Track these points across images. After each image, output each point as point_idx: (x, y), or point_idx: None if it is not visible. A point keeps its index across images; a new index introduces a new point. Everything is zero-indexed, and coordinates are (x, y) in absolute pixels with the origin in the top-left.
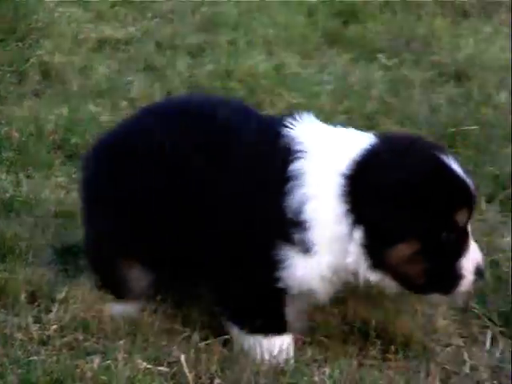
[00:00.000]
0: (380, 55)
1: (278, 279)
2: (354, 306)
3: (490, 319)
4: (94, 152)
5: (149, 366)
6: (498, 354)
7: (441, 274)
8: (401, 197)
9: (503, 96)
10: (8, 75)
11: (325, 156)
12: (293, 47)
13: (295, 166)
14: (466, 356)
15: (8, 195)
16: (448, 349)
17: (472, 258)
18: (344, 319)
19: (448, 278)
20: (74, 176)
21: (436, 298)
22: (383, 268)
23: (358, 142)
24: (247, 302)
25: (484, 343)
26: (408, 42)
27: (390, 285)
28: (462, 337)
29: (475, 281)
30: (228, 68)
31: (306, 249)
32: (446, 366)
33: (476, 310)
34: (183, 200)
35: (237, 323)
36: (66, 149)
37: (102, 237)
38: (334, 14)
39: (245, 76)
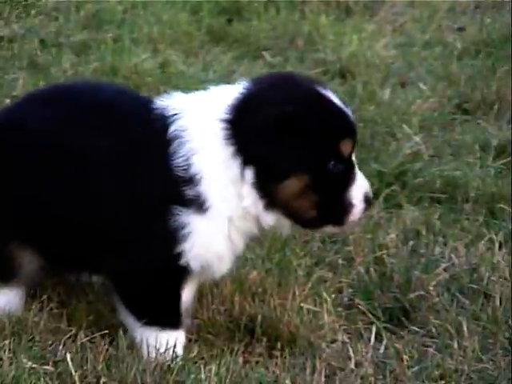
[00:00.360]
0: (264, 53)
1: (178, 254)
2: (240, 303)
3: (374, 315)
4: None
5: (34, 366)
6: (382, 350)
7: (332, 205)
8: (283, 131)
9: (387, 93)
10: None
11: (201, 110)
12: (177, 45)
13: (174, 127)
14: (351, 352)
15: None
16: (333, 345)
17: (360, 187)
18: (230, 316)
19: (339, 209)
20: None
21: (330, 229)
22: (276, 206)
23: (232, 89)
24: (144, 286)
25: (369, 339)
26: (292, 40)
27: (285, 224)
28: (347, 333)
29: (365, 209)
30: (113, 65)
31: (201, 206)
32: (332, 362)
33: (361, 306)
34: (64, 178)
35: (133, 313)
36: None
37: None
38: (218, 11)
39: (130, 73)
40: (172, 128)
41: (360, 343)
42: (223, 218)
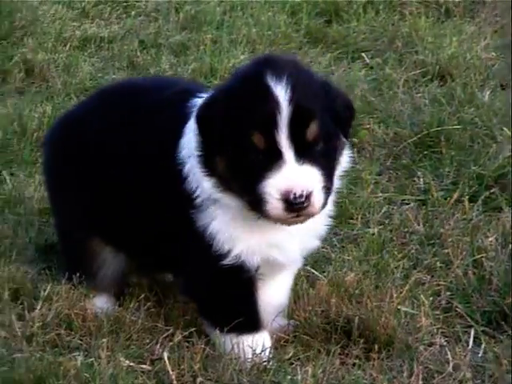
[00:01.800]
0: (363, 54)
1: (220, 253)
2: (337, 304)
3: (472, 318)
4: (49, 135)
5: (131, 364)
6: (480, 354)
7: (248, 193)
8: (204, 120)
9: (486, 95)
10: None
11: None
12: (275, 46)
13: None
14: (449, 355)
15: None
16: (431, 348)
17: (276, 183)
18: (327, 318)
19: (254, 199)
20: None
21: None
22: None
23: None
24: (209, 291)
25: (467, 342)
26: (391, 41)
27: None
28: (445, 336)
29: (287, 209)
30: (211, 66)
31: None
32: (429, 366)
33: (459, 310)
34: (123, 180)
35: (208, 321)
36: None
37: (68, 219)
38: (317, 13)
39: (228, 74)
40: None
41: (458, 347)
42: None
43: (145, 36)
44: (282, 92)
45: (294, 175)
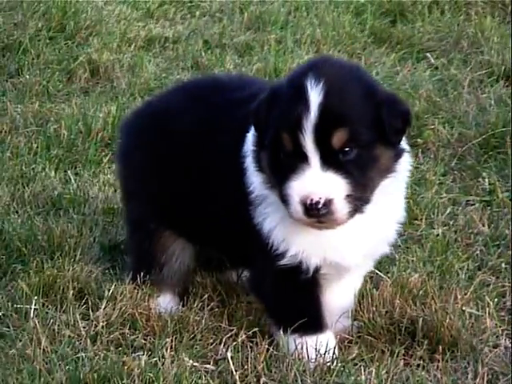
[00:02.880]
0: (428, 55)
1: (274, 253)
2: (401, 305)
3: None
4: (127, 124)
5: (195, 364)
6: None
7: (279, 192)
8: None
9: None
10: (57, 73)
11: None
12: (340, 46)
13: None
14: None
15: (56, 192)
16: (496, 350)
17: (296, 187)
18: (391, 318)
19: (282, 198)
20: None
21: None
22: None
23: None
24: (273, 292)
25: None
26: (457, 42)
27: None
28: (511, 338)
29: (307, 214)
30: (276, 66)
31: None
32: (494, 367)
33: None
34: (197, 171)
35: (272, 320)
36: (114, 147)
37: (141, 209)
38: (381, 13)
39: None
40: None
41: None
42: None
43: (209, 36)
44: (314, 95)
45: (314, 181)
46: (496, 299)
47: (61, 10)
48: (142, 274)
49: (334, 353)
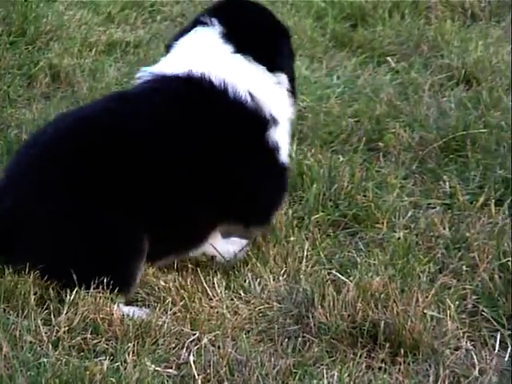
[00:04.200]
0: (389, 58)
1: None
2: (363, 308)
3: (499, 322)
4: None
5: (158, 369)
6: (506, 357)
7: None
8: None
9: None
10: (17, 78)
11: None
12: (301, 50)
13: None
14: (475, 359)
15: None
16: (457, 352)
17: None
18: (353, 322)
19: None
20: None
21: None
22: None
23: None
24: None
25: (493, 346)
26: (417, 46)
27: None
28: (471, 340)
29: None
30: None
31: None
32: (455, 370)
33: (485, 314)
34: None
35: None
36: None
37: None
38: (343, 17)
39: None
40: None
41: (484, 351)
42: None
43: (171, 40)
44: None
45: None
46: (457, 302)
47: (21, 15)
48: (106, 279)
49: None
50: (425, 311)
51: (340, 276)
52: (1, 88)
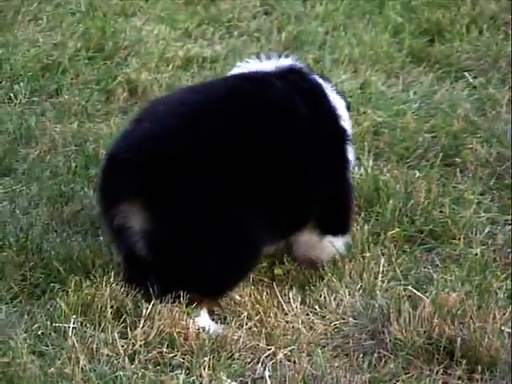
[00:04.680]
0: (466, 74)
1: None
2: (439, 325)
3: None
4: None
5: (233, 383)
6: None
7: None
8: None
9: None
10: (96, 93)
11: None
12: (378, 66)
13: None
14: None
15: (95, 212)
16: None
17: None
18: (429, 338)
19: None
20: None
21: None
22: None
23: None
24: None
25: None
26: (495, 61)
27: None
28: None
29: None
30: None
31: None
32: None
33: None
34: None
35: None
36: None
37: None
38: (420, 32)
39: None
40: None
41: None
42: None
43: (247, 56)
44: None
45: None
46: None
47: (100, 31)
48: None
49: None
50: (502, 328)
51: (416, 292)
52: (79, 103)
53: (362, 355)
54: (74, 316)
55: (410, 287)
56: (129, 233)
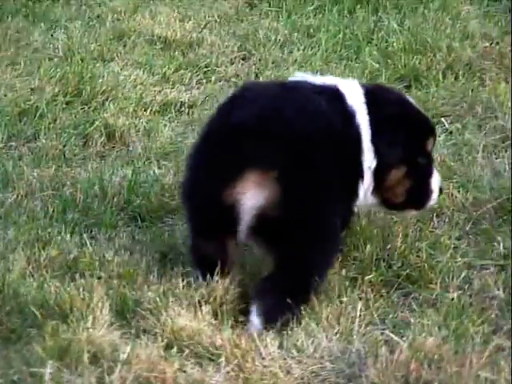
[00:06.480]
0: (443, 119)
1: None
2: (416, 369)
3: None
4: None
5: None
6: None
7: (419, 192)
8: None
9: None
10: (73, 138)
11: None
12: None
13: None
14: None
15: (72, 256)
16: None
17: (436, 177)
18: (406, 383)
19: (424, 195)
20: (137, 237)
21: (409, 212)
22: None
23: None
24: None
25: None
26: (471, 107)
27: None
28: None
29: (438, 196)
30: None
31: None
32: None
33: None
34: None
35: None
36: (130, 210)
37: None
38: (396, 78)
39: None
40: None
41: None
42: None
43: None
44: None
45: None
46: None
47: (77, 75)
48: None
49: None
50: (479, 373)
51: (393, 336)
52: (57, 147)
53: None
54: (51, 361)
55: (387, 331)
56: (244, 209)
